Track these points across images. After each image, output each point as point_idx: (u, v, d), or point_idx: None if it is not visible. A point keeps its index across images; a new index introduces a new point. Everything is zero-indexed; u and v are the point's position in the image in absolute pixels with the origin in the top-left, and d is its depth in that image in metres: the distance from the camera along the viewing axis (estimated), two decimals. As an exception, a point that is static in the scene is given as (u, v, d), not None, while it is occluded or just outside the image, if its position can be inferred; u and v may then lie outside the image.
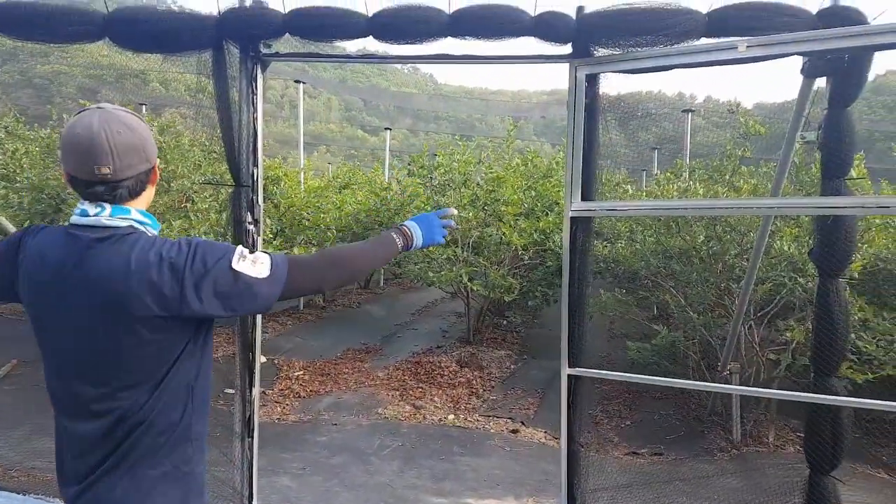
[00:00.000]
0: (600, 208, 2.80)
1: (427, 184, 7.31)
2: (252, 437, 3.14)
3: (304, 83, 10.05)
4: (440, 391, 6.11)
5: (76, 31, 2.99)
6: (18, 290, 1.48)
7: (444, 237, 1.80)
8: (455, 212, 1.87)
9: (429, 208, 7.38)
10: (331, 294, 10.24)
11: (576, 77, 2.74)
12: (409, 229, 1.72)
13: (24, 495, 3.40)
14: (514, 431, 5.00)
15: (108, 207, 1.40)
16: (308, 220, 7.87)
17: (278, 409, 5.50)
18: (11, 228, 5.09)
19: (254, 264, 1.42)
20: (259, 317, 3.30)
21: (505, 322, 8.75)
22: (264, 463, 3.50)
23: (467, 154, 7.08)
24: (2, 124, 7.86)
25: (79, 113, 1.40)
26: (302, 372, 6.57)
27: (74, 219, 1.42)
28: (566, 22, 2.69)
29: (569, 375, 2.68)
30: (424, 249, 2.04)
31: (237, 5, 3.03)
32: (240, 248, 1.44)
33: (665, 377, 3.49)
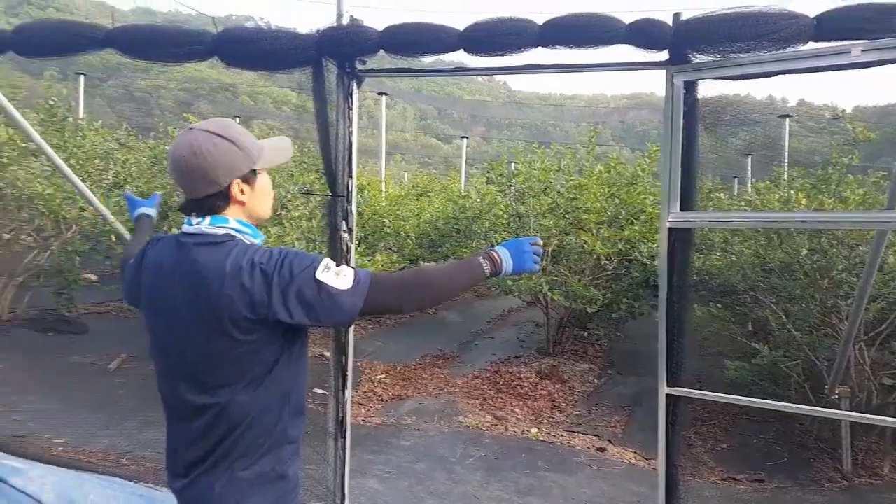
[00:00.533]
0: (701, 219, 2.70)
1: (506, 191, 7.28)
2: (345, 438, 3.20)
3: (386, 95, 10.27)
4: (521, 403, 6.05)
5: (189, 50, 3.15)
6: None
7: (536, 264, 1.71)
8: (541, 241, 1.78)
9: (506, 217, 7.34)
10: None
11: (672, 84, 2.65)
12: (498, 255, 1.66)
13: (135, 482, 3.62)
14: (601, 449, 4.88)
15: (207, 217, 1.52)
16: (389, 227, 8.02)
17: (362, 410, 5.61)
18: (126, 234, 5.47)
19: (337, 276, 1.46)
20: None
21: (586, 334, 8.56)
22: (353, 464, 3.58)
23: (547, 161, 7.00)
24: (115, 136, 8.51)
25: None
26: (384, 375, 6.69)
27: (184, 227, 1.54)
28: (663, 29, 2.61)
29: (667, 395, 2.58)
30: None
31: (335, 24, 3.14)
32: (326, 259, 1.48)
33: (766, 399, 3.31)
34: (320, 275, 1.44)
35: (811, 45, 2.43)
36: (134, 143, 8.57)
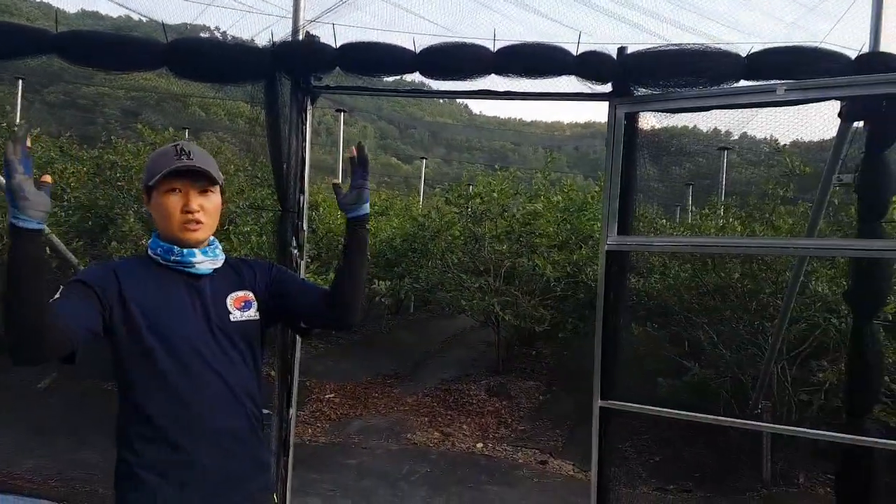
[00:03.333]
0: (637, 243, 2.85)
1: (464, 213, 7.41)
2: (287, 457, 3.20)
3: (344, 112, 10.30)
4: (469, 419, 6.13)
5: (138, 59, 3.12)
6: None
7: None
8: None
9: (462, 238, 7.45)
10: (361, 318, 10.29)
11: (615, 115, 2.81)
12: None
13: (60, 504, 3.49)
14: (543, 462, 4.99)
15: None
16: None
17: (309, 430, 5.57)
18: (61, 246, 5.25)
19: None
20: (298, 339, 3.37)
21: (534, 353, 8.72)
22: (295, 483, 3.56)
23: (505, 185, 7.18)
24: (57, 144, 8.25)
25: None
26: (333, 395, 6.66)
27: None
28: (608, 62, 2.77)
29: (601, 408, 2.70)
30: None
31: (290, 39, 3.18)
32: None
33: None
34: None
35: (743, 83, 2.65)
36: (77, 152, 8.29)
